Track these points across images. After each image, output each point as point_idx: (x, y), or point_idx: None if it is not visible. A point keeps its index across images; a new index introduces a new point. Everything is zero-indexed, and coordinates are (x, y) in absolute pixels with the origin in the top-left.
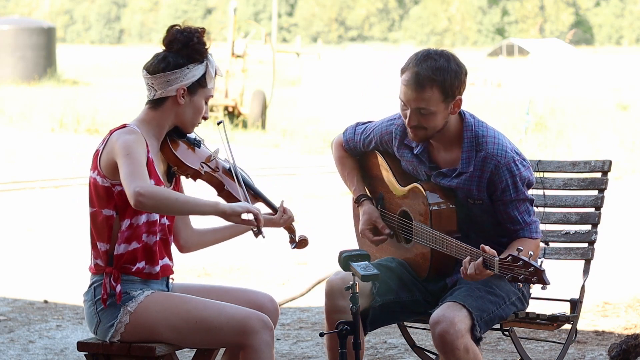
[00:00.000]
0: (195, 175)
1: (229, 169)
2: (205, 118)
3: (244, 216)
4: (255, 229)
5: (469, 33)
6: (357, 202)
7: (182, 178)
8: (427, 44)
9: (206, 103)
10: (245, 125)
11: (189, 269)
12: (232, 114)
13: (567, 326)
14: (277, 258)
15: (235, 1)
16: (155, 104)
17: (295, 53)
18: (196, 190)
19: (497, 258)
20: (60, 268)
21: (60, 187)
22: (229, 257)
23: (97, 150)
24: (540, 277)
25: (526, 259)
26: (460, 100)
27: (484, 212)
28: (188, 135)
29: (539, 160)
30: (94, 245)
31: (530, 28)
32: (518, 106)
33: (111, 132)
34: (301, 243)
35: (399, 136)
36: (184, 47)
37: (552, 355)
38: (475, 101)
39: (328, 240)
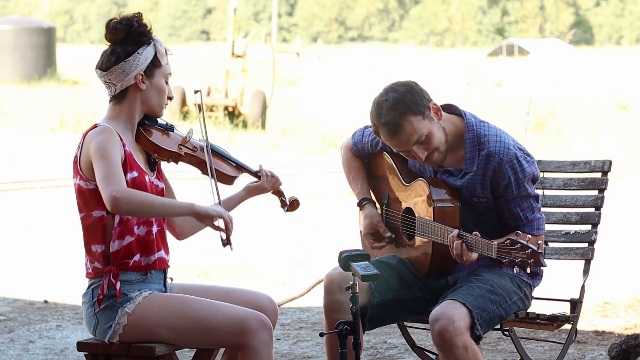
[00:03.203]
0: (176, 158)
1: (205, 147)
2: (170, 98)
3: (216, 222)
4: (224, 238)
5: (469, 33)
6: (360, 205)
7: (164, 164)
8: (427, 43)
9: (167, 83)
10: (245, 125)
11: (189, 269)
12: (232, 114)
13: (567, 326)
14: (277, 258)
15: (235, 1)
16: (118, 98)
17: (295, 53)
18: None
19: (496, 242)
20: (60, 268)
21: (60, 187)
22: (229, 257)
23: (75, 156)
24: (537, 259)
25: (524, 241)
26: (434, 104)
27: (488, 210)
28: (159, 121)
29: (539, 160)
30: (88, 250)
31: (530, 28)
32: (518, 106)
33: (84, 135)
34: (292, 205)
35: None
36: (127, 35)
37: (552, 355)
38: (475, 101)
39: (328, 240)
